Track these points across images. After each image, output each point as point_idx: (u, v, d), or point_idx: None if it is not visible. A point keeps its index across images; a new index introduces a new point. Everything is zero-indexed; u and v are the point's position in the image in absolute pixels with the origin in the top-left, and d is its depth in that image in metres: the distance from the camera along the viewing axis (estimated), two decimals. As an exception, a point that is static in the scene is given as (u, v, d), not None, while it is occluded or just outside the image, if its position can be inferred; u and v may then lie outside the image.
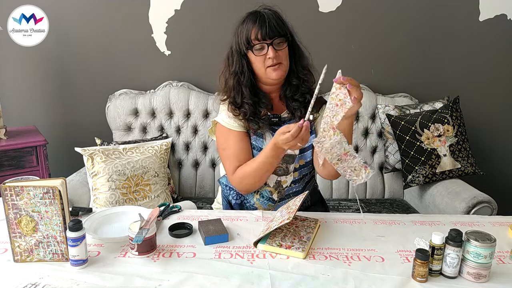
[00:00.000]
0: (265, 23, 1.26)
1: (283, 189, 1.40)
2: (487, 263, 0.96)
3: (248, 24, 1.28)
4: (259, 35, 1.26)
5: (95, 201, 1.85)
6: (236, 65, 1.32)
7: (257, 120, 1.34)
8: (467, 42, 2.37)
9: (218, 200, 1.57)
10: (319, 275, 0.98)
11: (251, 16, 1.29)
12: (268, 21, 1.26)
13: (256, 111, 1.34)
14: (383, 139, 2.25)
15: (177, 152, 2.26)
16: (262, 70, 1.30)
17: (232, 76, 1.34)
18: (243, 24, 1.30)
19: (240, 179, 1.33)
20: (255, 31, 1.26)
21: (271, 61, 1.27)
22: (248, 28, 1.28)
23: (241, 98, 1.33)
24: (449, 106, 2.11)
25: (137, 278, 0.96)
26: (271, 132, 1.37)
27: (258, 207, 1.41)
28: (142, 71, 2.37)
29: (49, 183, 1.00)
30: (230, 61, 1.35)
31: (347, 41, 2.34)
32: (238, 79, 1.33)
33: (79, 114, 2.43)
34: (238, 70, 1.32)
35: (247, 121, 1.34)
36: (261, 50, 1.28)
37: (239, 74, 1.33)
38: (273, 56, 1.26)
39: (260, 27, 1.26)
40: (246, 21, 1.30)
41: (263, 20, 1.26)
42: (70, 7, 2.27)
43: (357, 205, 2.13)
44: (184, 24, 2.31)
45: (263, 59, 1.28)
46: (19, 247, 1.01)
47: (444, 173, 2.03)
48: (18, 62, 2.33)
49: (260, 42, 1.27)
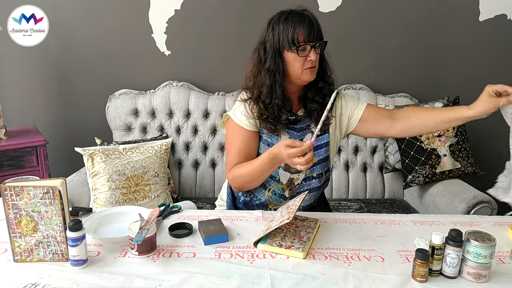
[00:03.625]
0: (314, 26, 1.26)
1: (295, 187, 1.40)
2: (487, 263, 0.96)
3: (295, 24, 1.26)
4: (308, 37, 1.25)
5: (95, 201, 1.85)
6: (271, 63, 1.30)
7: (276, 122, 1.33)
8: (467, 42, 2.37)
9: (222, 197, 1.56)
10: (319, 275, 0.98)
11: (297, 17, 1.27)
12: (315, 23, 1.27)
13: (279, 115, 1.33)
14: (383, 139, 2.25)
15: (177, 152, 2.26)
16: (299, 71, 1.29)
17: (266, 73, 1.31)
18: (287, 24, 1.27)
19: (234, 177, 1.34)
20: (304, 32, 1.25)
21: (310, 63, 1.28)
22: (296, 28, 1.26)
23: (271, 98, 1.31)
24: (449, 106, 2.11)
25: (137, 278, 0.96)
26: (286, 130, 1.37)
27: (269, 204, 1.41)
28: (142, 71, 2.37)
29: (49, 183, 1.00)
30: (263, 58, 1.32)
31: (347, 41, 2.34)
32: (274, 78, 1.31)
33: (79, 114, 2.43)
34: (274, 69, 1.30)
35: (264, 122, 1.33)
36: (304, 51, 1.27)
37: (275, 72, 1.30)
38: (315, 59, 1.27)
39: (310, 29, 1.25)
40: (291, 21, 1.27)
41: (311, 23, 1.26)
42: (70, 7, 2.28)
43: (356, 205, 2.13)
44: (184, 24, 2.31)
45: (303, 60, 1.28)
46: (19, 247, 1.01)
47: (444, 173, 2.03)
48: (18, 62, 2.33)
49: (305, 44, 1.26)
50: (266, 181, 1.39)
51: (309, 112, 1.39)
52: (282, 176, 1.39)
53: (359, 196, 2.27)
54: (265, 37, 1.32)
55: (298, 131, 1.39)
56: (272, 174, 1.38)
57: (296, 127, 1.38)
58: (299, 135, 1.38)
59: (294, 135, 1.38)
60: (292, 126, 1.38)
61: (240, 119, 1.36)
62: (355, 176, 2.28)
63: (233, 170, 1.34)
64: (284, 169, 1.38)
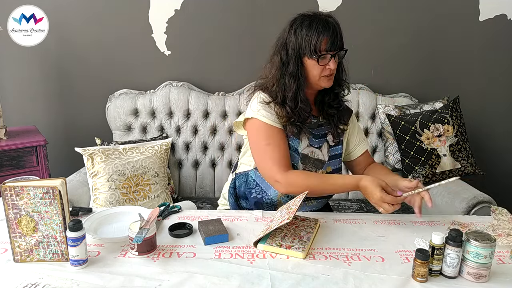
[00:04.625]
0: (337, 35, 1.26)
1: None
2: (487, 263, 0.96)
3: (320, 32, 1.24)
4: (330, 46, 1.25)
5: (95, 201, 1.85)
6: (294, 67, 1.29)
7: (302, 125, 1.32)
8: (467, 42, 2.37)
9: (225, 195, 1.55)
10: (319, 275, 0.98)
11: (321, 24, 1.25)
12: (337, 32, 1.26)
13: (304, 117, 1.32)
14: (383, 139, 2.25)
15: (177, 152, 2.26)
16: (316, 78, 1.29)
17: (291, 78, 1.29)
18: (310, 30, 1.25)
19: (294, 182, 1.27)
20: (326, 40, 1.24)
21: (329, 71, 1.28)
22: (319, 36, 1.24)
23: (297, 103, 1.30)
24: (449, 106, 2.11)
25: (137, 278, 0.96)
26: (307, 135, 1.36)
27: (278, 204, 1.39)
28: (142, 71, 2.37)
29: (49, 183, 1.00)
30: (285, 61, 1.30)
31: (347, 41, 2.33)
32: (298, 82, 1.29)
33: (79, 114, 2.43)
34: (298, 73, 1.29)
35: (291, 125, 1.31)
36: (324, 60, 1.27)
37: (299, 77, 1.29)
38: (334, 67, 1.27)
39: (333, 37, 1.25)
40: (315, 28, 1.25)
41: (335, 31, 1.26)
42: (70, 7, 2.27)
43: (356, 205, 2.13)
44: (184, 24, 2.31)
45: (321, 68, 1.27)
46: (19, 247, 1.01)
47: (444, 173, 2.03)
48: (18, 62, 2.33)
49: (327, 53, 1.26)
50: None
51: (328, 118, 1.39)
52: None
53: (359, 196, 2.27)
54: (286, 39, 1.30)
55: (316, 137, 1.38)
56: None
57: (315, 133, 1.38)
58: (317, 142, 1.38)
59: (312, 141, 1.37)
60: (312, 132, 1.37)
61: (270, 118, 1.31)
62: (355, 176, 2.27)
63: (292, 176, 1.27)
64: None
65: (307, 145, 1.37)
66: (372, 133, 2.28)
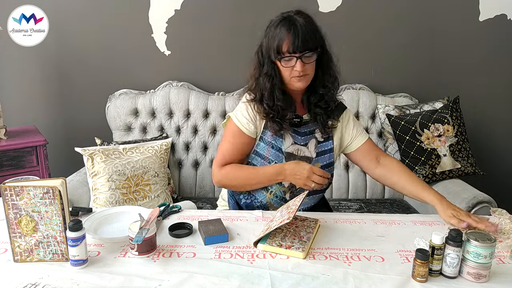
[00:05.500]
0: (298, 36, 1.22)
1: (296, 190, 1.40)
2: (487, 263, 0.96)
3: (281, 32, 1.24)
4: (291, 48, 1.23)
5: (95, 201, 1.85)
6: (269, 67, 1.30)
7: (281, 121, 1.34)
8: (467, 42, 2.37)
9: (224, 196, 1.57)
10: (319, 275, 0.98)
11: (285, 23, 1.24)
12: (302, 33, 1.22)
13: (284, 114, 1.34)
14: (383, 139, 2.25)
15: (177, 152, 2.26)
16: (288, 79, 1.30)
17: (266, 77, 1.31)
18: (276, 30, 1.25)
19: (225, 174, 1.35)
20: (287, 43, 1.23)
21: (297, 73, 1.26)
22: (280, 38, 1.24)
23: (273, 101, 1.32)
24: (449, 106, 2.11)
25: (137, 278, 0.96)
26: (290, 133, 1.37)
27: (269, 206, 1.41)
28: (142, 71, 2.37)
29: (49, 183, 1.00)
30: (262, 61, 1.32)
31: (347, 41, 2.34)
32: (273, 82, 1.31)
33: (79, 114, 2.43)
34: (272, 73, 1.30)
35: (271, 121, 1.34)
36: (289, 62, 1.26)
37: (273, 76, 1.30)
38: (300, 69, 1.25)
39: (293, 39, 1.22)
40: (280, 28, 1.25)
41: (296, 32, 1.22)
42: (70, 7, 2.28)
43: (356, 205, 2.13)
44: (184, 24, 2.31)
45: (290, 70, 1.27)
46: (19, 247, 1.01)
47: (444, 173, 2.03)
48: (18, 62, 2.33)
49: (290, 55, 1.24)
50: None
51: (314, 116, 1.39)
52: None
53: (359, 196, 2.27)
54: (262, 40, 1.32)
55: (302, 135, 1.39)
56: None
57: (300, 130, 1.39)
58: (303, 140, 1.39)
59: (297, 139, 1.38)
60: (296, 130, 1.38)
61: (242, 122, 1.36)
62: (355, 176, 2.28)
63: (226, 168, 1.35)
64: None
65: (291, 143, 1.37)
66: (372, 133, 2.28)
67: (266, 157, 1.38)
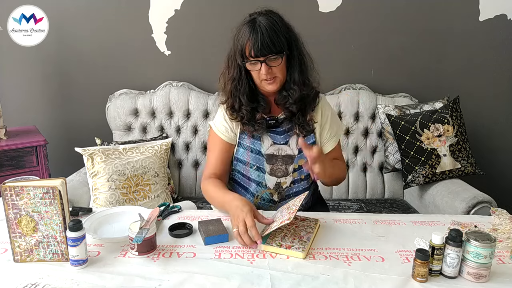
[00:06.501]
0: (257, 40, 1.18)
1: (283, 190, 1.40)
2: (487, 263, 0.96)
3: (243, 36, 1.22)
4: (252, 52, 1.20)
5: (95, 201, 1.85)
6: (234, 71, 1.29)
7: (253, 123, 1.34)
8: (467, 42, 2.37)
9: None
10: (319, 275, 0.98)
11: (246, 27, 1.22)
12: (262, 37, 1.18)
13: (254, 116, 1.34)
14: (383, 139, 2.25)
15: (177, 152, 2.26)
16: (258, 82, 1.29)
17: (230, 81, 1.31)
18: (240, 33, 1.24)
19: (205, 190, 1.36)
20: (248, 47, 1.21)
21: (264, 76, 1.24)
22: (242, 41, 1.22)
23: (238, 105, 1.32)
24: (449, 106, 2.11)
25: (137, 278, 0.96)
26: (268, 134, 1.37)
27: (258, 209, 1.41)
28: (142, 71, 2.37)
29: (49, 183, 1.00)
30: (229, 64, 1.31)
31: (347, 41, 2.34)
32: (236, 86, 1.30)
33: (79, 114, 2.43)
34: (236, 77, 1.29)
35: (243, 124, 1.35)
36: (255, 65, 1.24)
37: (237, 81, 1.30)
38: (266, 73, 1.22)
39: (253, 43, 1.19)
40: (243, 31, 1.23)
41: (256, 36, 1.19)
42: (70, 7, 2.28)
43: (356, 205, 2.13)
44: (184, 24, 2.31)
45: (257, 73, 1.25)
46: (19, 247, 1.01)
47: (444, 173, 2.03)
48: (18, 62, 2.33)
49: (254, 59, 1.22)
50: (253, 188, 1.41)
51: (290, 114, 1.36)
52: (268, 181, 1.39)
53: (359, 196, 2.27)
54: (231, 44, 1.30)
55: (280, 134, 1.38)
56: (258, 180, 1.39)
57: (278, 130, 1.38)
58: (282, 138, 1.38)
59: (276, 139, 1.38)
60: (274, 130, 1.38)
61: (220, 130, 1.38)
62: (355, 176, 2.28)
63: (209, 183, 1.34)
64: (269, 173, 1.38)
65: (271, 144, 1.37)
66: (372, 133, 2.28)
67: (247, 162, 1.38)
